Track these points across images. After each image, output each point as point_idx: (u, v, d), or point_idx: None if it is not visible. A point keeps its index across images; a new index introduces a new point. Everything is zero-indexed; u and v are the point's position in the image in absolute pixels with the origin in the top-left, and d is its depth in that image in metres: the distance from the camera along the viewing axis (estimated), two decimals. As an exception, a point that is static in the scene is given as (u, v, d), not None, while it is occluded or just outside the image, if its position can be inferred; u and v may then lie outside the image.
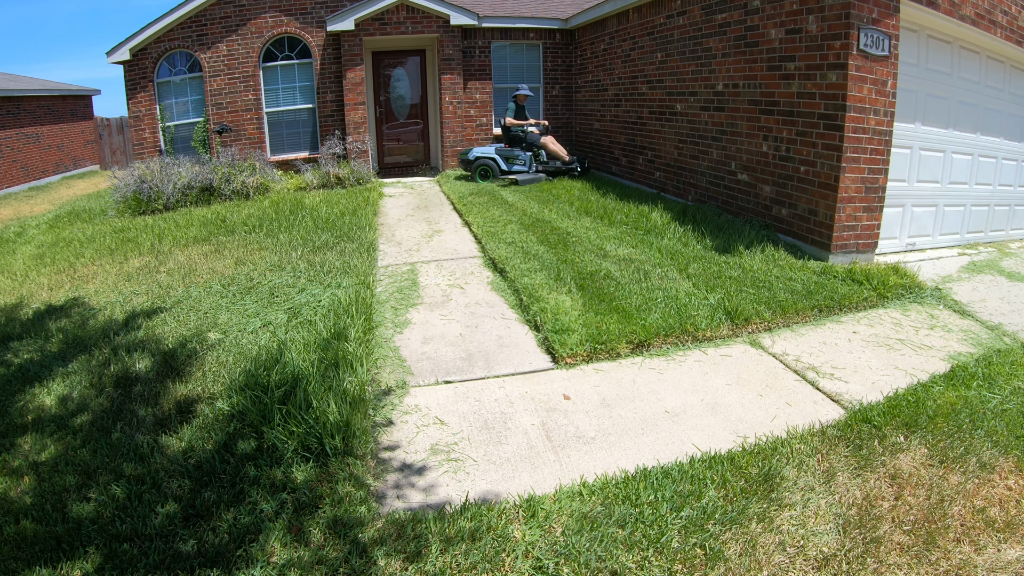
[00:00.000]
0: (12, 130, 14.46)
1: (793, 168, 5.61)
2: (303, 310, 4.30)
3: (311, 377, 3.02)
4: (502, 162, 8.89)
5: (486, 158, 9.11)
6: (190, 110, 10.62)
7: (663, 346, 3.86)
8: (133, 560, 2.10)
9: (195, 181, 8.92)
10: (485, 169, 9.01)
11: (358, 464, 2.63)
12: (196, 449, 2.72)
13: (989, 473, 2.55)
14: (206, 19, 10.13)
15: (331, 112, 10.66)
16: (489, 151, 9.17)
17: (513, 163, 8.86)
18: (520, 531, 2.23)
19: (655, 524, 2.24)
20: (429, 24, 10.19)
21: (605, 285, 4.66)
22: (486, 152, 9.20)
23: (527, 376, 3.54)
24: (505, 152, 9.01)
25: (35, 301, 5.04)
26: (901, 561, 2.11)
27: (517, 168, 8.88)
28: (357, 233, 6.41)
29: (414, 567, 2.07)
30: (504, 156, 8.94)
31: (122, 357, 3.71)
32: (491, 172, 8.89)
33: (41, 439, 2.91)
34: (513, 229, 6.39)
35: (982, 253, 5.82)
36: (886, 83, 5.03)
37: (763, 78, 5.93)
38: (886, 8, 4.91)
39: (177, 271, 5.47)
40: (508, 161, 8.88)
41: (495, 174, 8.93)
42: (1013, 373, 3.40)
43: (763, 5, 5.84)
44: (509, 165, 8.86)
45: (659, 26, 7.93)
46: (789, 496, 2.40)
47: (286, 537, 2.20)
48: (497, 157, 8.95)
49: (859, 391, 3.31)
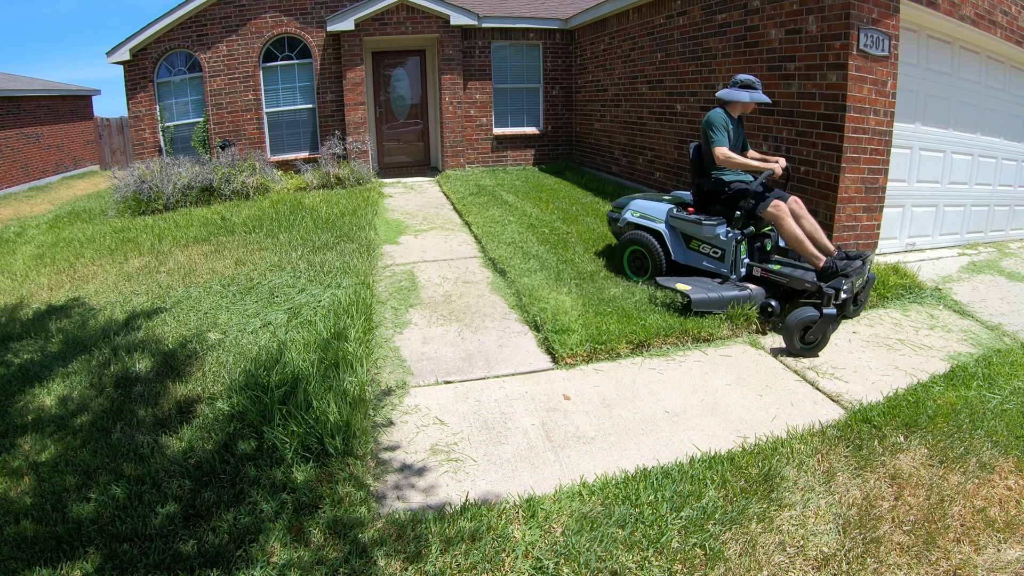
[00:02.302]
0: (12, 130, 14.46)
1: (793, 168, 5.61)
2: (303, 310, 4.30)
3: (311, 377, 3.02)
4: (674, 243, 4.43)
5: (646, 231, 4.62)
6: (190, 110, 10.62)
7: (663, 346, 3.86)
8: (133, 560, 2.10)
9: (195, 181, 8.92)
10: (641, 252, 4.61)
11: (358, 464, 2.63)
12: (196, 449, 2.72)
13: (989, 473, 2.55)
14: (206, 19, 10.13)
15: (331, 112, 10.66)
16: (654, 210, 4.63)
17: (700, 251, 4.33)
18: (520, 531, 2.23)
19: (655, 524, 2.24)
20: (429, 24, 10.19)
21: (605, 285, 4.65)
22: (650, 213, 4.63)
23: (527, 376, 3.54)
24: (684, 224, 4.39)
25: (35, 301, 5.04)
26: (901, 561, 2.11)
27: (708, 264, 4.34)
28: (357, 233, 6.41)
29: (414, 567, 2.07)
30: (684, 233, 4.43)
31: (122, 357, 3.71)
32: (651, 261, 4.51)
33: (41, 439, 2.91)
34: (513, 229, 6.39)
35: (982, 253, 5.82)
36: (886, 83, 5.03)
37: (763, 78, 5.93)
38: (886, 8, 4.91)
39: (177, 271, 5.47)
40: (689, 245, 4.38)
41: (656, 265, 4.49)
42: (1013, 373, 3.40)
43: (763, 5, 5.84)
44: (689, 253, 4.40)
45: (659, 26, 7.93)
46: (789, 496, 2.40)
47: (286, 537, 2.20)
48: (666, 232, 4.47)
49: (859, 391, 3.31)
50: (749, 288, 4.08)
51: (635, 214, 4.65)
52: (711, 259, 4.22)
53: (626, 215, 4.75)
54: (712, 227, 4.18)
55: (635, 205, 4.76)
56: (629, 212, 4.75)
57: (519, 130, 11.38)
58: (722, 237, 4.15)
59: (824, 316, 3.62)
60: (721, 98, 4.36)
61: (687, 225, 4.30)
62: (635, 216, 4.63)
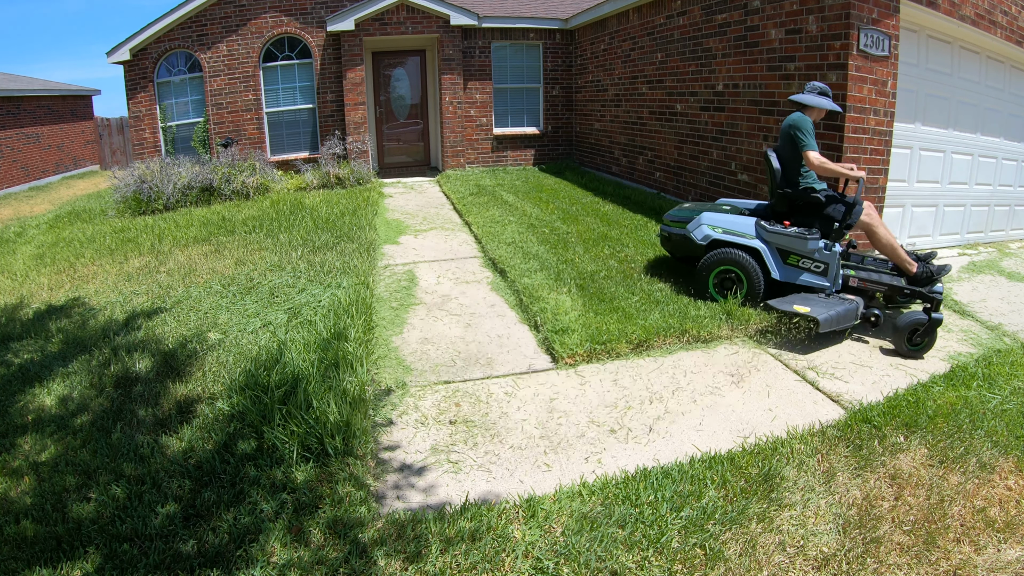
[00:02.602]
0: (12, 130, 14.46)
1: (793, 168, 5.61)
2: (303, 310, 4.30)
3: (311, 377, 3.02)
4: (773, 260, 4.03)
5: (737, 249, 4.14)
6: (190, 110, 10.62)
7: (663, 346, 3.86)
8: (133, 560, 2.10)
9: (195, 181, 8.92)
10: (733, 272, 4.13)
11: (358, 464, 2.63)
12: (196, 449, 2.72)
13: (989, 473, 2.55)
14: (206, 19, 10.13)
15: (331, 112, 10.66)
16: (737, 224, 4.17)
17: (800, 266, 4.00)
18: (520, 531, 2.23)
19: (655, 524, 2.24)
20: (429, 24, 10.19)
21: (605, 285, 4.66)
22: (735, 228, 4.16)
23: (527, 376, 3.54)
24: (784, 239, 4.01)
25: (35, 301, 5.04)
26: (901, 561, 2.11)
27: (808, 279, 4.00)
28: (357, 233, 6.41)
29: (414, 567, 2.07)
30: (780, 248, 4.04)
31: (122, 357, 3.71)
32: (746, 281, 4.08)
33: (41, 439, 2.91)
34: (513, 229, 6.39)
35: (982, 253, 5.82)
36: (886, 83, 5.03)
37: (763, 78, 5.94)
38: (886, 8, 4.92)
39: (177, 271, 5.47)
40: (787, 260, 4.02)
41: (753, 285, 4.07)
42: (1013, 373, 3.40)
43: (763, 5, 5.84)
44: (787, 269, 4.04)
45: (659, 26, 7.94)
46: (789, 496, 2.40)
47: (286, 537, 2.20)
48: (764, 249, 4.05)
49: (859, 391, 3.31)
50: (853, 300, 3.94)
51: (717, 229, 4.09)
52: (812, 273, 3.92)
53: (702, 231, 4.15)
54: (816, 240, 3.90)
55: (711, 219, 4.19)
56: (705, 228, 4.15)
57: (519, 130, 11.38)
58: (825, 251, 3.91)
59: (933, 320, 3.67)
60: (802, 102, 4.14)
61: (788, 240, 3.93)
62: (719, 232, 4.07)
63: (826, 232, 4.01)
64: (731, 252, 4.07)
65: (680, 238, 4.47)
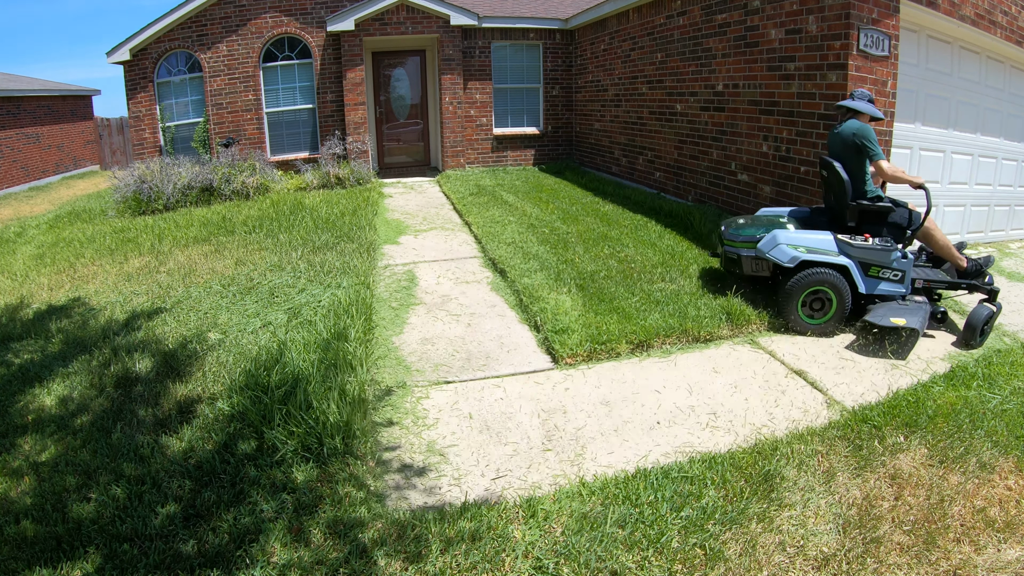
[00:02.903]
0: (12, 130, 14.46)
1: (793, 168, 5.61)
2: (303, 310, 4.30)
3: (311, 377, 3.02)
4: (859, 275, 3.97)
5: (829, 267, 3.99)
6: (190, 110, 10.62)
7: (663, 346, 3.86)
8: (133, 560, 2.10)
9: (195, 181, 8.93)
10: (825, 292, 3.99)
11: (358, 464, 2.63)
12: (196, 449, 2.72)
13: (989, 473, 2.55)
14: (206, 19, 10.13)
15: (331, 112, 10.66)
16: (817, 241, 4.01)
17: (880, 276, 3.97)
18: (520, 531, 2.23)
19: (655, 524, 2.24)
20: (429, 24, 10.20)
21: (605, 285, 4.66)
22: (818, 246, 4.00)
23: (527, 376, 3.54)
24: (868, 252, 3.96)
25: (35, 301, 5.04)
26: (901, 561, 2.11)
27: (886, 288, 3.99)
28: (357, 233, 6.41)
29: (414, 567, 2.07)
30: (863, 261, 3.98)
31: (122, 357, 3.71)
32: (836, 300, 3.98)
33: (41, 439, 2.91)
34: (513, 229, 6.39)
35: (982, 253, 5.82)
36: (886, 83, 5.03)
37: (763, 78, 5.94)
38: (886, 8, 4.92)
39: (177, 271, 5.47)
40: (868, 272, 3.98)
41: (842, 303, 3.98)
42: (1013, 373, 3.40)
43: (763, 5, 5.84)
44: (869, 281, 3.99)
45: (659, 26, 7.94)
46: (789, 496, 2.40)
47: (286, 537, 2.20)
48: (852, 265, 3.97)
49: (859, 391, 3.31)
50: (923, 301, 4.05)
51: (800, 248, 3.91)
52: (890, 282, 3.97)
53: (786, 251, 3.93)
54: (896, 250, 3.94)
55: (791, 239, 3.98)
56: (786, 247, 3.94)
57: (519, 130, 11.38)
58: (902, 259, 3.96)
59: (999, 309, 3.96)
60: (858, 109, 4.05)
61: (872, 253, 3.92)
62: (802, 251, 3.91)
63: (895, 239, 4.05)
64: (822, 272, 3.93)
65: (752, 259, 4.23)
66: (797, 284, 3.96)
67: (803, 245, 3.97)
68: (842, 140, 4.07)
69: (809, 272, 3.94)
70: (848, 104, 4.12)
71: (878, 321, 3.76)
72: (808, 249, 3.95)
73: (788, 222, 4.41)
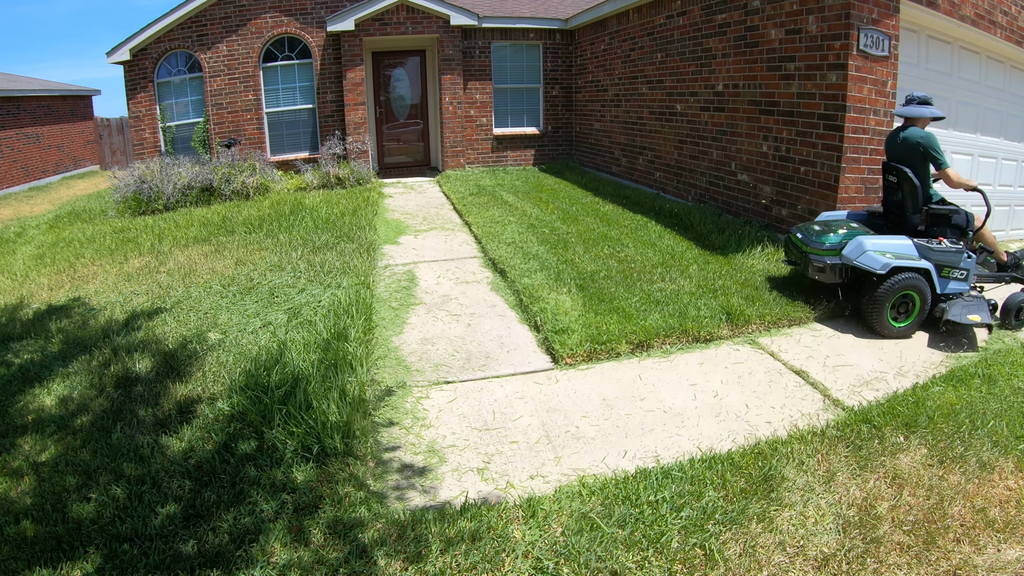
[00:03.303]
0: (12, 130, 14.46)
1: (793, 168, 5.61)
2: (303, 310, 4.30)
3: (311, 377, 3.02)
4: (936, 275, 4.15)
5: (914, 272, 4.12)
6: (190, 110, 10.62)
7: (663, 346, 3.86)
8: (133, 560, 2.10)
9: (195, 181, 8.93)
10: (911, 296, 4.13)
11: (358, 465, 2.63)
12: (196, 449, 2.72)
13: (989, 473, 2.55)
14: (206, 19, 10.13)
15: (331, 112, 10.66)
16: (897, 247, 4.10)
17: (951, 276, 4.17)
18: (520, 531, 2.23)
19: (655, 524, 2.24)
20: (429, 24, 10.20)
21: (605, 285, 4.66)
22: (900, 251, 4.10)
23: (527, 376, 3.54)
24: (943, 255, 4.14)
25: (35, 301, 5.04)
26: (901, 561, 2.11)
27: (954, 287, 4.21)
28: (357, 233, 6.41)
29: (414, 567, 2.07)
30: (938, 264, 4.15)
31: (122, 357, 3.71)
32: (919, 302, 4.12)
33: (41, 439, 2.91)
34: (513, 229, 6.39)
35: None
36: (886, 83, 5.03)
37: (763, 78, 5.94)
38: (886, 8, 4.92)
39: (177, 271, 5.47)
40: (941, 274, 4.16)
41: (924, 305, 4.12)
42: (1013, 373, 3.40)
43: (763, 5, 5.84)
44: (942, 282, 4.18)
45: (659, 26, 7.94)
46: (789, 496, 2.40)
47: (286, 537, 2.20)
48: (932, 268, 4.13)
49: (859, 390, 3.31)
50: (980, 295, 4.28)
51: (887, 255, 4.03)
52: (957, 281, 4.21)
53: (877, 259, 4.01)
54: (966, 252, 4.16)
55: (877, 245, 4.07)
56: (874, 254, 4.02)
57: (519, 130, 11.39)
58: (967, 259, 4.16)
59: None
60: (923, 115, 4.17)
61: (947, 256, 4.12)
62: (893, 259, 4.02)
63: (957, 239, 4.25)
64: (910, 277, 4.07)
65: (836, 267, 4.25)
66: (888, 290, 4.04)
67: (890, 251, 4.06)
68: (906, 147, 4.17)
69: (899, 278, 4.04)
70: (905, 112, 4.23)
71: (959, 319, 3.95)
72: (896, 255, 4.06)
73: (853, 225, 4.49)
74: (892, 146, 4.32)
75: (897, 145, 4.25)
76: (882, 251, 4.05)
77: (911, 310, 4.15)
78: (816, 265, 4.33)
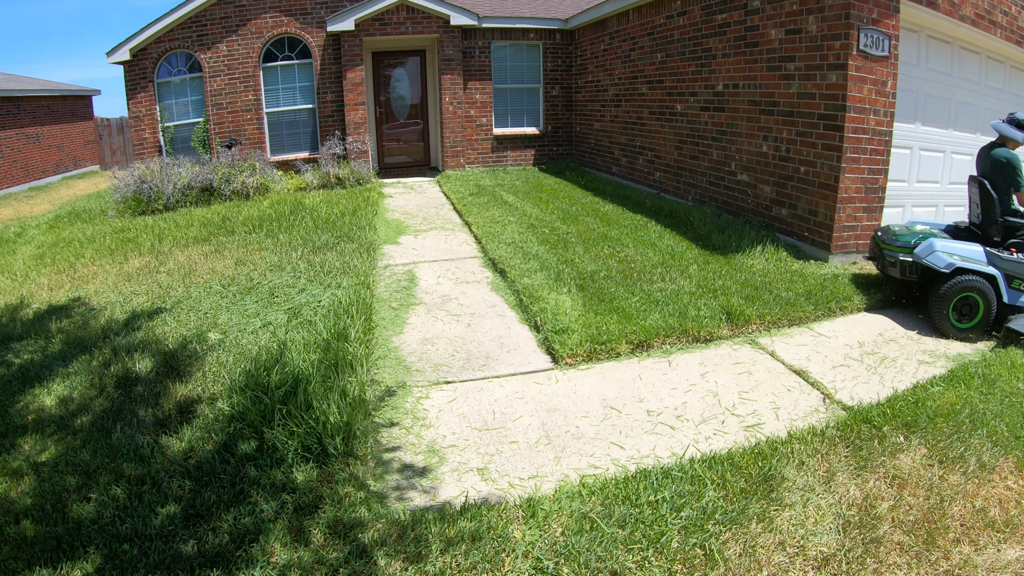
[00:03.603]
0: (12, 130, 14.46)
1: (793, 168, 5.61)
2: (303, 310, 4.30)
3: (311, 378, 3.02)
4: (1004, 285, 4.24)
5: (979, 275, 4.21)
6: (190, 110, 10.62)
7: (663, 346, 3.86)
8: (133, 560, 2.10)
9: (195, 181, 8.93)
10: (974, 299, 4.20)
11: (359, 465, 2.64)
12: (196, 450, 2.72)
13: (989, 473, 2.55)
14: (206, 19, 10.13)
15: (331, 112, 10.66)
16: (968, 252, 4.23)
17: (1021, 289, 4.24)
18: (520, 531, 2.23)
19: (655, 524, 2.24)
20: (429, 24, 10.20)
21: (605, 285, 4.66)
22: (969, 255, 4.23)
23: (527, 376, 3.54)
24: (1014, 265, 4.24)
25: (36, 301, 5.04)
26: (901, 561, 2.11)
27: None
28: (357, 233, 6.41)
29: (415, 568, 2.07)
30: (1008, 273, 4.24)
31: (123, 357, 3.71)
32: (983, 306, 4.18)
33: (42, 440, 2.91)
34: (513, 229, 6.39)
35: None
36: (886, 83, 5.03)
37: (763, 78, 5.94)
38: (886, 8, 4.92)
39: (177, 271, 5.47)
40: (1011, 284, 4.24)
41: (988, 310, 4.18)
42: (1013, 373, 3.40)
43: (763, 5, 5.84)
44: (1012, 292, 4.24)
45: (659, 26, 7.94)
46: (789, 496, 2.40)
47: (286, 538, 2.20)
48: (999, 275, 4.23)
49: (859, 391, 3.31)
50: None
51: (956, 257, 4.17)
52: None
53: (942, 259, 4.16)
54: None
55: (946, 247, 4.22)
56: (943, 255, 4.18)
57: (519, 130, 11.39)
58: None
59: None
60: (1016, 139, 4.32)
61: (1018, 267, 4.22)
62: (959, 260, 4.16)
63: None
64: (973, 279, 4.18)
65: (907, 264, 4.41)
66: (950, 289, 4.16)
67: (957, 254, 4.21)
68: (992, 163, 4.34)
69: (962, 279, 4.16)
70: (1000, 129, 4.36)
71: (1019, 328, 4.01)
72: (962, 258, 4.20)
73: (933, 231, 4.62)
74: (981, 160, 4.46)
75: (985, 159, 4.41)
76: (950, 252, 4.20)
77: (974, 313, 4.20)
78: (889, 260, 4.50)
